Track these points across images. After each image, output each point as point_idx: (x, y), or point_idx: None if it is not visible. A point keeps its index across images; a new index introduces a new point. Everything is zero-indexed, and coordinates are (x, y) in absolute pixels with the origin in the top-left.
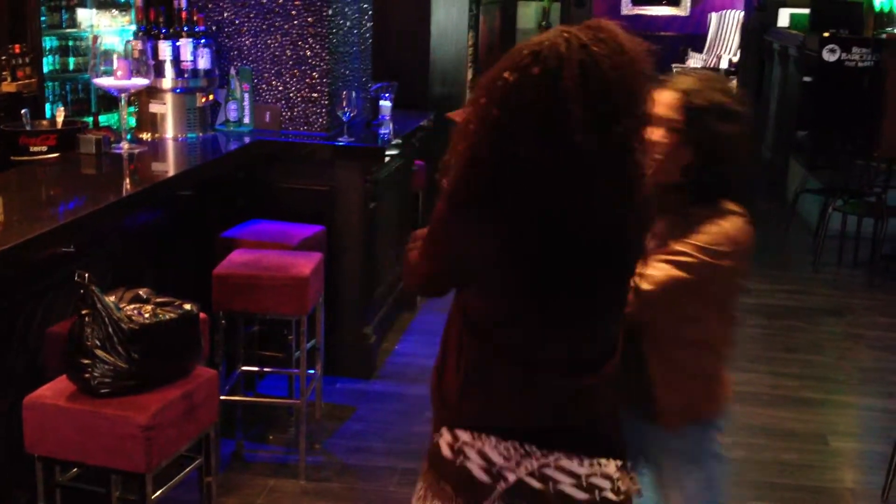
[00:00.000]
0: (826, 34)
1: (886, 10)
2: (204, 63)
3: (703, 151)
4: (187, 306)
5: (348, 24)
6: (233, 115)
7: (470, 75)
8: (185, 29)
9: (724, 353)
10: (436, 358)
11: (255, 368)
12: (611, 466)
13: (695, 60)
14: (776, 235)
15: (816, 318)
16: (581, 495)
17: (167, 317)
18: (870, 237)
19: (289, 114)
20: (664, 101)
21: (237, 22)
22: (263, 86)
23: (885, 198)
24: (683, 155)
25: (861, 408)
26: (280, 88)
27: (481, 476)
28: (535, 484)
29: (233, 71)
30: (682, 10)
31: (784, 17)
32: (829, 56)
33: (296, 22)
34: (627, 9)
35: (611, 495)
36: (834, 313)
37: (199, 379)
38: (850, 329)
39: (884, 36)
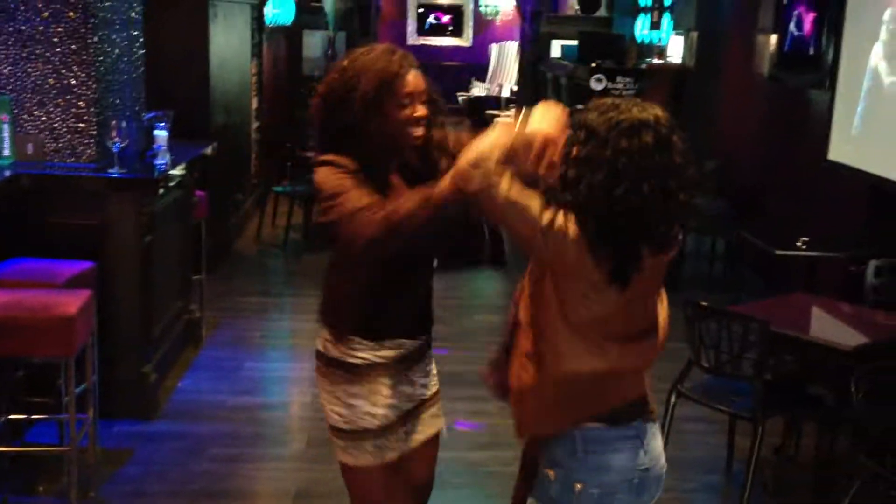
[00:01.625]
0: (593, 65)
1: (647, 42)
2: None
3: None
4: None
5: (117, 51)
6: None
7: (255, 104)
8: None
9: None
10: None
11: (22, 416)
12: None
13: (479, 89)
14: None
15: None
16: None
17: None
18: None
19: (53, 145)
20: None
21: None
22: (25, 116)
23: None
24: None
25: None
26: (43, 118)
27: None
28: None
29: None
30: (464, 41)
31: (556, 48)
32: (596, 85)
33: (58, 49)
34: (413, 39)
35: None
36: None
37: None
38: None
39: (644, 66)
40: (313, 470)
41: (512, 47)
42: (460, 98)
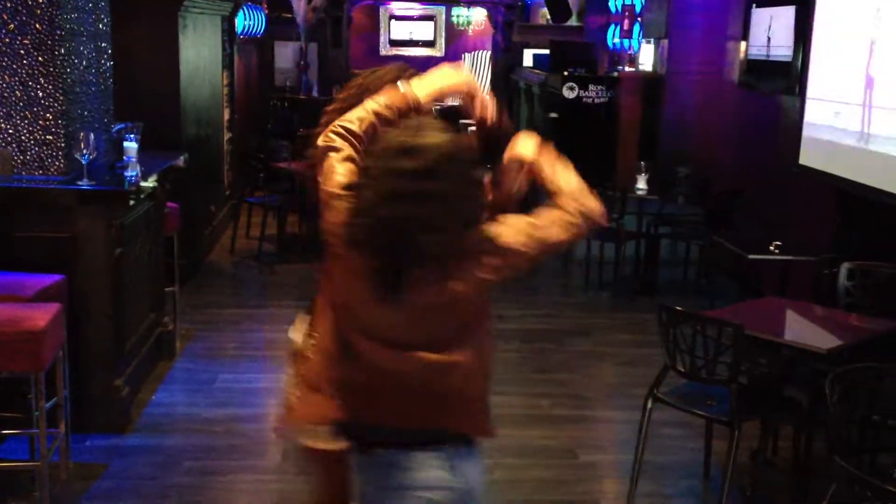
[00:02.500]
0: (565, 73)
1: (619, 49)
2: None
3: None
4: None
5: (84, 63)
6: None
7: (227, 115)
8: None
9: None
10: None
11: None
12: None
13: (452, 99)
14: None
15: (565, 339)
16: None
17: None
18: (611, 261)
19: (21, 158)
20: None
21: None
22: None
23: (622, 224)
24: None
25: (608, 421)
26: (10, 131)
27: None
28: None
29: None
30: (437, 52)
31: (528, 57)
32: (568, 93)
33: (25, 62)
34: (385, 50)
35: None
36: (581, 334)
37: None
38: (596, 347)
39: (615, 74)
40: (289, 482)
41: (484, 57)
42: (434, 108)
